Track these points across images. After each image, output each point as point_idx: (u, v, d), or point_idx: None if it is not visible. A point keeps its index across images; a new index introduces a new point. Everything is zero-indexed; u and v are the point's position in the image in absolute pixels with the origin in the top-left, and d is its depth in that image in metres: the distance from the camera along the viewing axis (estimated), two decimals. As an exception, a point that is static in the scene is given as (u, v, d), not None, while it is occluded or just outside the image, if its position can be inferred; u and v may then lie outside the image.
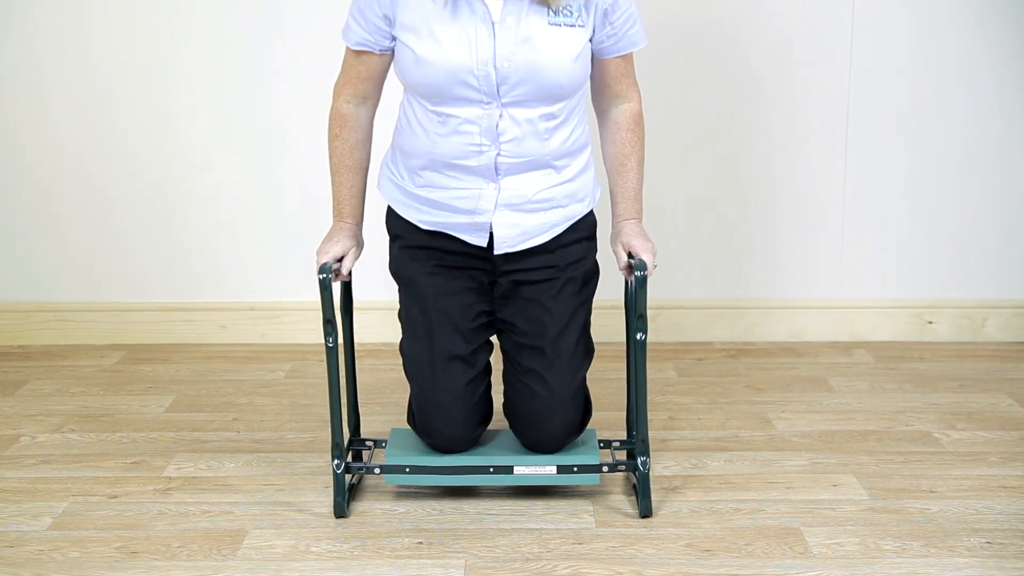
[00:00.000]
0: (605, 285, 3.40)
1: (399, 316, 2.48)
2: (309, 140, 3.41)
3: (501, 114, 2.28)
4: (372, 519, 2.37)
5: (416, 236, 2.41)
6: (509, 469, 2.41)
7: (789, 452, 2.71)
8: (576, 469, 2.41)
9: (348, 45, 2.36)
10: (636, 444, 2.39)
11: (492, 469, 2.41)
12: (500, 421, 2.86)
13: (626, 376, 2.57)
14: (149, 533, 2.32)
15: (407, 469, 2.41)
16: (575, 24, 2.27)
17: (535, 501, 2.45)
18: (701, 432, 2.84)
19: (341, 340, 2.55)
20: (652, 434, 2.78)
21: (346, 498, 2.39)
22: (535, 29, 2.25)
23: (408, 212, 2.41)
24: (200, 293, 3.56)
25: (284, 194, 3.49)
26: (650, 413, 2.86)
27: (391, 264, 2.50)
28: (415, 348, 2.43)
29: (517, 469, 2.41)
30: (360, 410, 2.70)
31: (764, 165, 3.48)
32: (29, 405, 3.04)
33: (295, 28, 3.39)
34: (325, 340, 2.33)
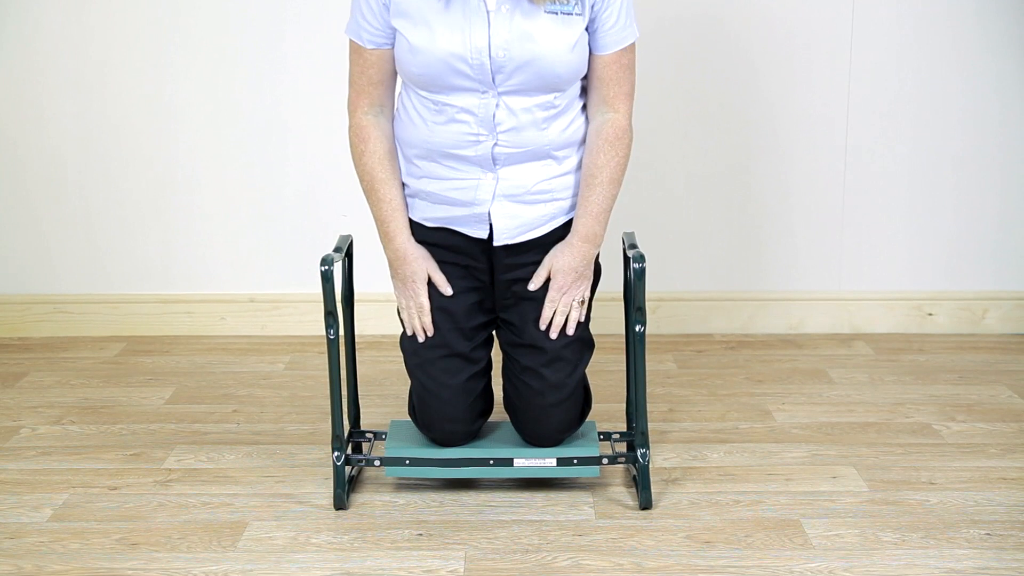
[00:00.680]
0: (604, 277, 3.40)
1: (398, 312, 2.48)
2: (309, 130, 3.41)
3: (498, 103, 2.27)
4: (372, 511, 2.38)
5: (418, 232, 2.41)
6: (509, 461, 2.41)
7: (789, 444, 2.71)
8: (576, 461, 2.41)
9: (359, 42, 2.32)
10: (636, 436, 2.39)
11: (492, 461, 2.41)
12: (500, 414, 2.86)
13: (625, 368, 2.57)
14: (149, 525, 2.32)
15: (407, 461, 2.41)
16: (572, 12, 2.25)
17: (535, 493, 2.45)
18: (701, 424, 2.84)
19: (342, 332, 2.55)
20: (652, 426, 2.78)
21: (346, 490, 2.39)
22: (531, 18, 2.23)
23: (412, 210, 2.41)
24: (200, 285, 3.56)
25: (285, 185, 3.49)
26: (650, 405, 2.86)
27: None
28: (416, 345, 2.42)
29: (517, 461, 2.41)
30: (360, 402, 2.70)
31: (764, 157, 3.48)
32: (29, 397, 3.04)
33: (297, 22, 3.38)
34: (326, 332, 2.33)
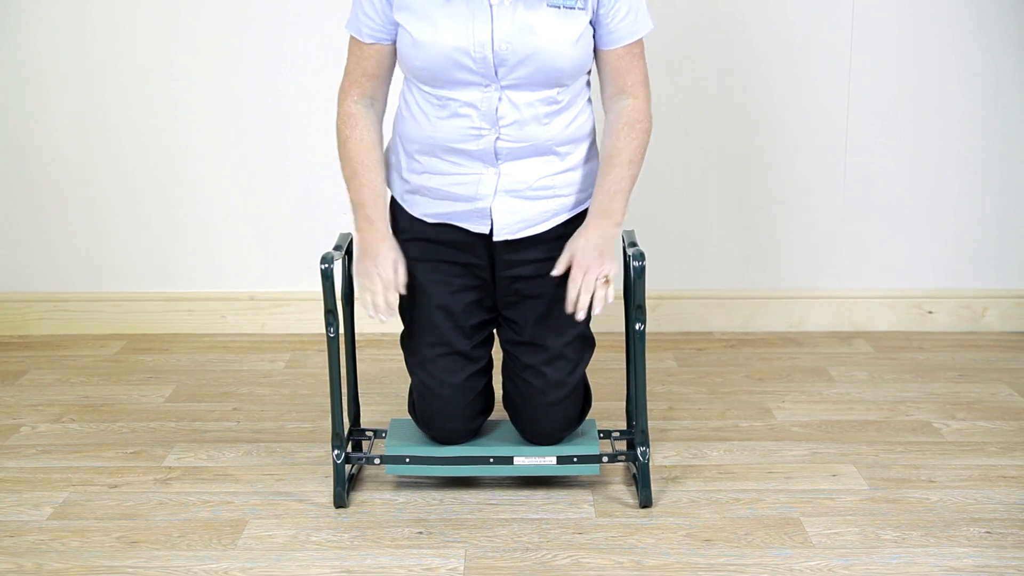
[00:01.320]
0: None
1: (399, 311, 2.48)
2: (310, 129, 3.41)
3: (500, 97, 2.27)
4: (372, 509, 2.38)
5: (418, 229, 2.40)
6: (509, 459, 2.41)
7: (789, 442, 2.71)
8: (576, 459, 2.41)
9: (358, 37, 2.32)
10: (636, 434, 2.39)
11: (492, 459, 2.41)
12: (500, 412, 2.86)
13: (626, 366, 2.57)
14: (149, 523, 2.32)
15: (407, 459, 2.41)
16: (575, 7, 2.25)
17: (535, 491, 2.45)
18: (701, 422, 2.84)
19: (342, 330, 2.55)
20: (652, 424, 2.78)
21: (346, 488, 2.40)
22: (533, 11, 2.23)
23: (412, 205, 2.40)
24: (200, 283, 3.56)
25: (285, 183, 3.49)
26: (650, 403, 2.86)
27: None
28: (416, 343, 2.43)
29: (517, 459, 2.41)
30: (360, 400, 2.70)
31: (764, 155, 3.48)
32: (29, 395, 3.04)
33: (298, 22, 3.38)
34: (327, 330, 2.33)
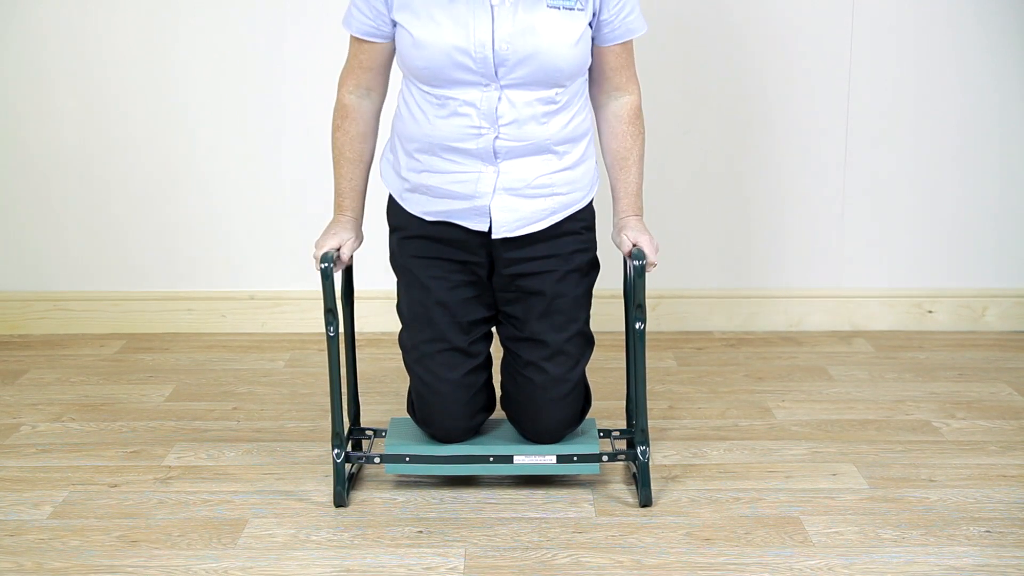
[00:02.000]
0: (604, 274, 3.40)
1: (398, 308, 2.48)
2: (309, 128, 3.41)
3: (500, 96, 2.28)
4: (372, 508, 2.38)
5: (416, 226, 2.41)
6: (509, 458, 2.41)
7: (789, 441, 2.71)
8: (576, 458, 2.41)
9: (351, 32, 2.35)
10: (636, 433, 2.39)
11: (492, 458, 2.41)
12: (500, 411, 2.86)
13: (626, 365, 2.57)
14: (149, 522, 2.32)
15: (407, 458, 2.41)
16: (574, 8, 2.26)
17: (535, 490, 2.45)
18: (701, 421, 2.84)
19: (342, 329, 2.55)
20: (652, 423, 2.78)
21: (346, 487, 2.39)
22: (534, 12, 2.24)
23: (410, 203, 2.41)
24: (200, 282, 3.56)
25: (285, 183, 3.49)
26: (650, 402, 2.86)
27: (391, 256, 2.50)
28: (414, 340, 2.43)
29: (517, 458, 2.41)
30: (360, 399, 2.70)
31: (764, 155, 3.48)
32: (29, 394, 3.04)
33: (298, 22, 3.38)
34: (326, 329, 2.33)
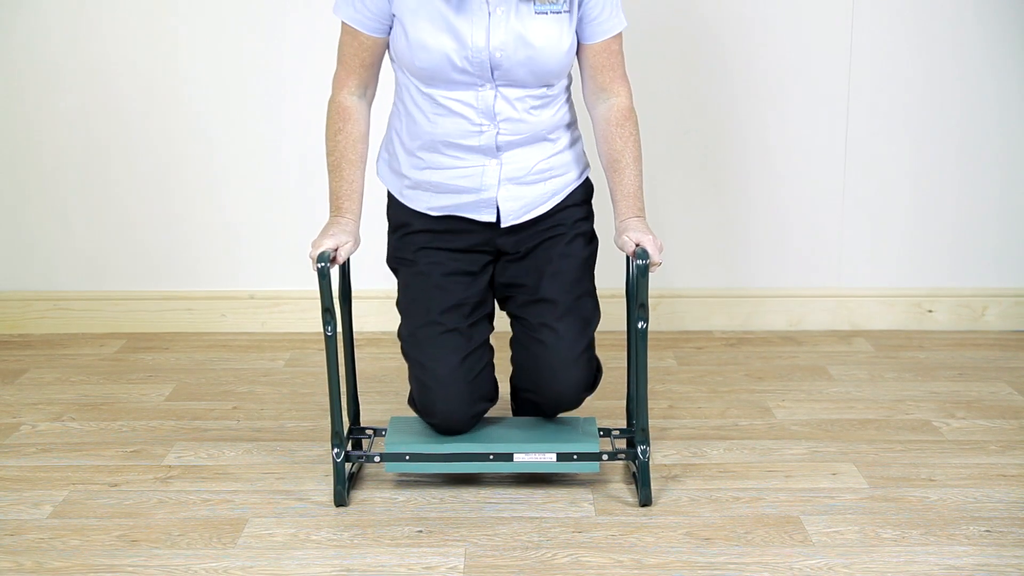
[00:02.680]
0: (606, 274, 3.40)
1: (397, 304, 2.48)
2: (309, 128, 3.41)
3: (495, 95, 2.32)
4: (372, 507, 2.38)
5: (421, 221, 2.43)
6: (509, 457, 2.41)
7: (789, 441, 2.71)
8: (576, 457, 2.41)
9: (357, 27, 2.34)
10: (636, 432, 2.39)
11: (492, 456, 2.41)
12: (500, 410, 2.86)
13: (626, 364, 2.57)
14: (149, 521, 2.32)
15: (407, 457, 2.41)
16: (560, 11, 2.31)
17: (535, 489, 2.45)
18: (701, 421, 2.84)
19: (340, 329, 2.55)
20: (652, 423, 2.78)
21: (346, 486, 2.39)
22: (525, 19, 2.30)
23: (412, 200, 2.42)
24: (200, 282, 3.56)
25: (285, 183, 3.49)
26: (650, 402, 2.86)
27: (389, 254, 2.50)
28: (413, 325, 2.43)
29: (517, 456, 2.41)
30: (360, 398, 2.70)
31: (763, 153, 3.48)
32: (29, 393, 3.04)
33: (298, 22, 3.38)
34: (324, 329, 2.33)
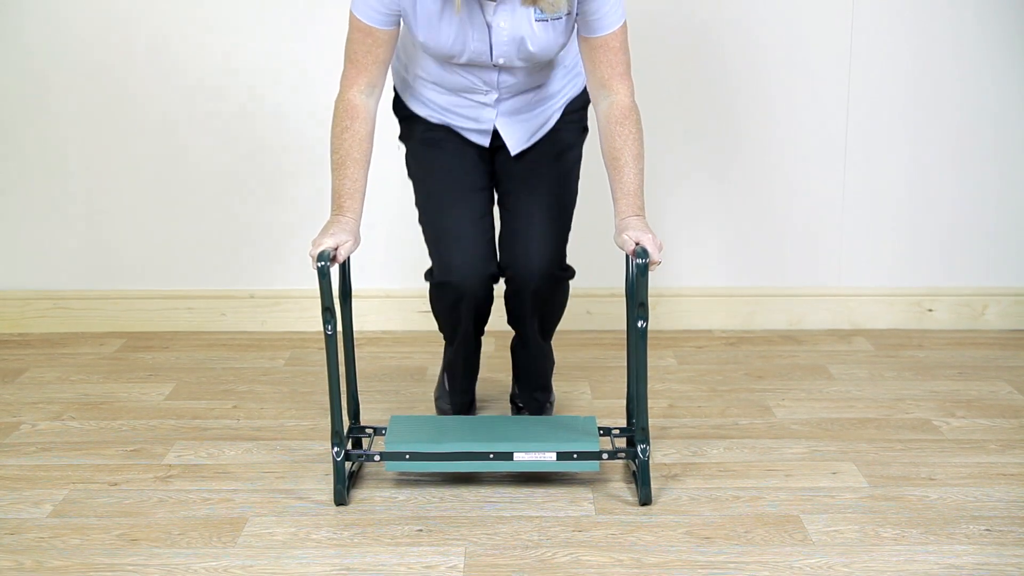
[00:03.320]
0: (606, 272, 3.41)
1: (409, 173, 2.62)
2: (309, 127, 3.42)
3: (499, 72, 2.48)
4: (372, 506, 2.38)
5: (420, 125, 2.58)
6: (509, 455, 2.41)
7: (789, 440, 2.71)
8: (576, 456, 2.41)
9: (373, 24, 2.37)
10: (636, 432, 2.39)
11: (492, 455, 2.41)
12: (500, 409, 2.87)
13: (626, 364, 2.57)
14: (149, 521, 2.32)
15: (407, 456, 2.41)
16: (560, 16, 2.38)
17: (535, 489, 2.45)
18: (701, 420, 2.84)
19: (340, 328, 2.55)
20: (652, 422, 2.78)
21: (346, 485, 2.39)
22: (525, 27, 2.38)
23: (418, 107, 2.57)
24: (200, 281, 3.56)
25: (284, 182, 3.49)
26: (650, 401, 2.86)
27: (401, 131, 2.65)
28: (431, 186, 2.55)
29: (517, 455, 2.41)
30: (360, 398, 2.70)
31: (764, 154, 3.48)
32: (29, 393, 3.04)
33: (298, 22, 3.38)
34: (324, 327, 2.33)
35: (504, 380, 3.02)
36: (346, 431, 2.51)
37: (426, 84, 2.53)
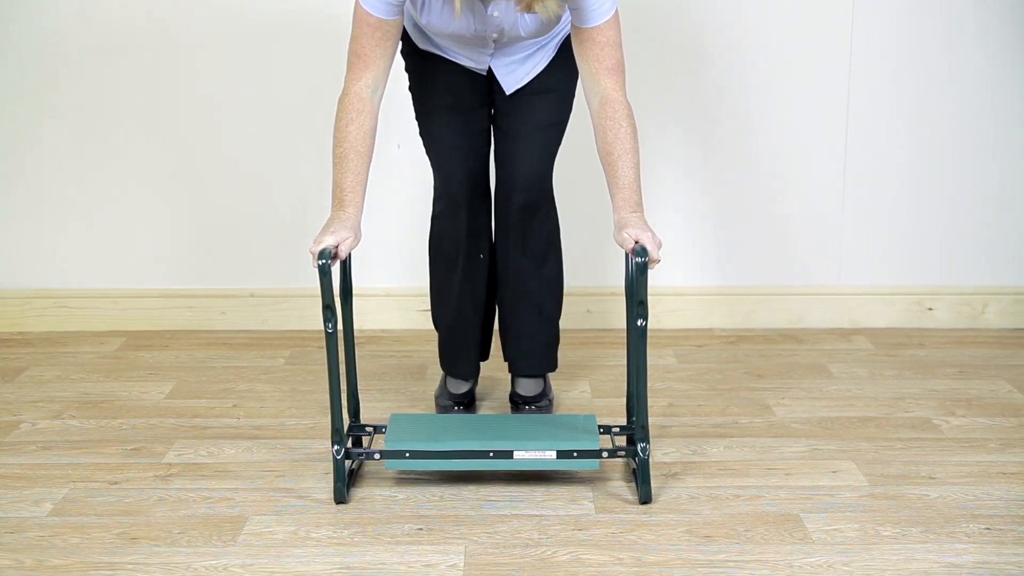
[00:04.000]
0: (606, 271, 3.41)
1: (410, 88, 2.70)
2: (309, 126, 3.42)
3: (496, 37, 2.55)
4: (372, 505, 2.38)
5: (416, 55, 2.65)
6: (509, 454, 2.41)
7: (788, 439, 2.71)
8: (576, 454, 2.41)
9: (383, 16, 2.39)
10: (636, 430, 2.39)
11: (492, 454, 2.41)
12: (500, 407, 2.87)
13: (626, 362, 2.57)
14: (149, 519, 2.32)
15: (407, 454, 2.41)
16: (559, 13, 2.43)
17: (535, 487, 2.45)
18: (701, 418, 2.84)
19: (341, 326, 2.55)
20: (652, 420, 2.78)
21: (346, 484, 2.40)
22: (520, 23, 2.47)
23: (418, 39, 2.62)
24: (200, 279, 3.56)
25: (285, 180, 3.49)
26: (650, 400, 2.86)
27: (403, 52, 2.70)
28: (425, 108, 2.66)
29: (517, 454, 2.41)
30: (360, 396, 2.70)
31: (764, 152, 3.48)
32: (29, 392, 3.04)
33: (299, 22, 3.38)
34: (324, 326, 2.33)
35: (504, 380, 3.02)
36: (346, 429, 2.51)
37: (428, 29, 2.59)
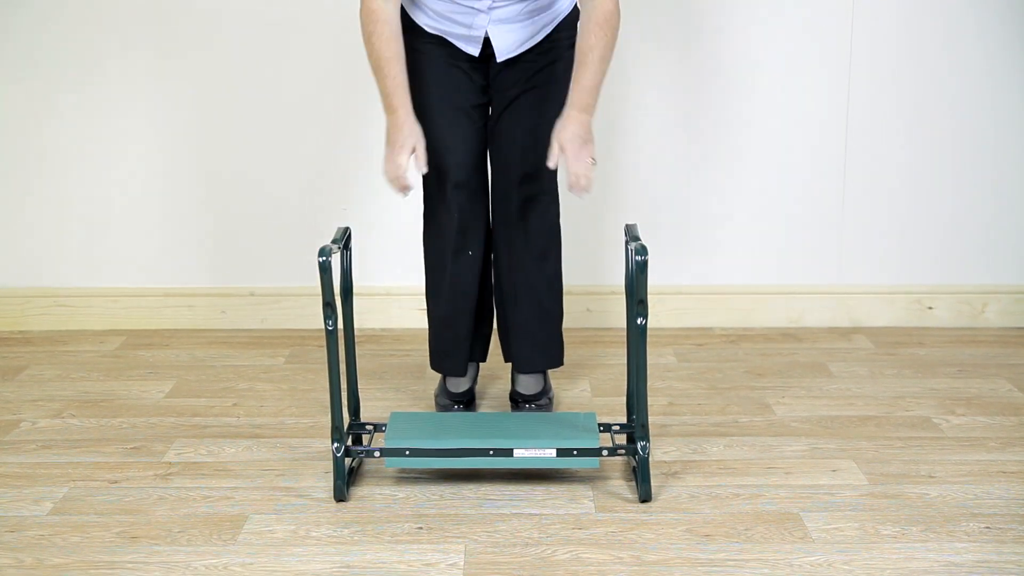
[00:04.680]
0: (605, 270, 3.41)
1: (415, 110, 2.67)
2: (309, 124, 3.41)
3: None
4: (372, 504, 2.38)
5: (417, 38, 2.64)
6: (509, 452, 2.41)
7: (788, 437, 2.71)
8: (576, 453, 2.41)
9: None
10: (636, 429, 2.39)
11: (492, 452, 2.41)
12: (500, 406, 2.87)
13: (626, 361, 2.57)
14: (149, 518, 2.32)
15: (407, 452, 2.41)
16: None
17: (535, 486, 2.45)
18: (701, 417, 2.84)
19: (341, 324, 2.55)
20: (652, 419, 2.78)
21: (346, 482, 2.40)
22: None
23: (417, 14, 2.63)
24: (200, 278, 3.56)
25: (285, 179, 3.49)
26: (650, 398, 2.85)
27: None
28: (423, 103, 2.61)
29: (517, 452, 2.41)
30: (360, 395, 2.70)
31: (764, 151, 3.48)
32: (29, 390, 3.04)
33: (299, 21, 3.38)
34: (325, 323, 2.33)
35: (504, 378, 3.02)
36: (346, 427, 2.51)
37: None
